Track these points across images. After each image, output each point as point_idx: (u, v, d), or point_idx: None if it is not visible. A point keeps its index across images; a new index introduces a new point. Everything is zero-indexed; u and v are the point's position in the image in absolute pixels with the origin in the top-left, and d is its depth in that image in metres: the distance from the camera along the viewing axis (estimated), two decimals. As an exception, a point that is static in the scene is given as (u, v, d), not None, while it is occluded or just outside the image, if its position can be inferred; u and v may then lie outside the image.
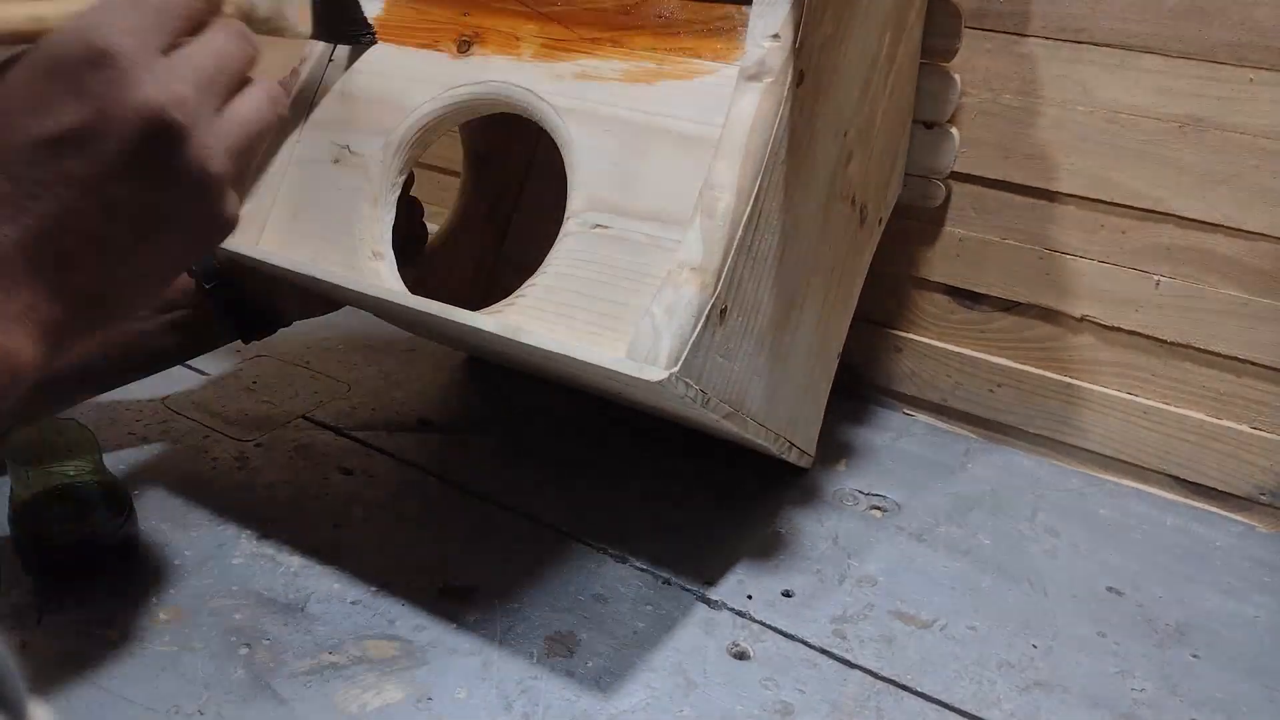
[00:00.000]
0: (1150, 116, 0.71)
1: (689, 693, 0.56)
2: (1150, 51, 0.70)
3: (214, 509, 0.69)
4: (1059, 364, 0.80)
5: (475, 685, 0.56)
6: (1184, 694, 0.59)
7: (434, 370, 0.89)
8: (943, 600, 0.65)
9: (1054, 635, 0.62)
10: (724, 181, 0.52)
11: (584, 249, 0.55)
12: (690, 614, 0.62)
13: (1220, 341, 0.73)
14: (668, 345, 0.50)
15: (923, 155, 0.76)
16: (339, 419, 0.81)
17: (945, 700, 0.57)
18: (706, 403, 0.54)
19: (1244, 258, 0.71)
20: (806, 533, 0.71)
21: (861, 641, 0.61)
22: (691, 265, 0.51)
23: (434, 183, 0.92)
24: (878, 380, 0.87)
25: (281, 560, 0.65)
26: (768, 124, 0.53)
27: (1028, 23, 0.73)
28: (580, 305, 0.54)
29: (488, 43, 0.61)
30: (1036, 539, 0.72)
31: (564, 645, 0.59)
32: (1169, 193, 0.72)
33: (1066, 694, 0.58)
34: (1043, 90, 0.74)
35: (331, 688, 0.55)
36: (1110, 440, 0.79)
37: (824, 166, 0.61)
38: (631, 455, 0.78)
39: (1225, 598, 0.67)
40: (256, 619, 0.60)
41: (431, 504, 0.72)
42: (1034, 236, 0.77)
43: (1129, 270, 0.75)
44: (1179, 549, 0.72)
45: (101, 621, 0.59)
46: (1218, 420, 0.75)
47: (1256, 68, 0.67)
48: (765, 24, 0.53)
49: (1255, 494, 0.75)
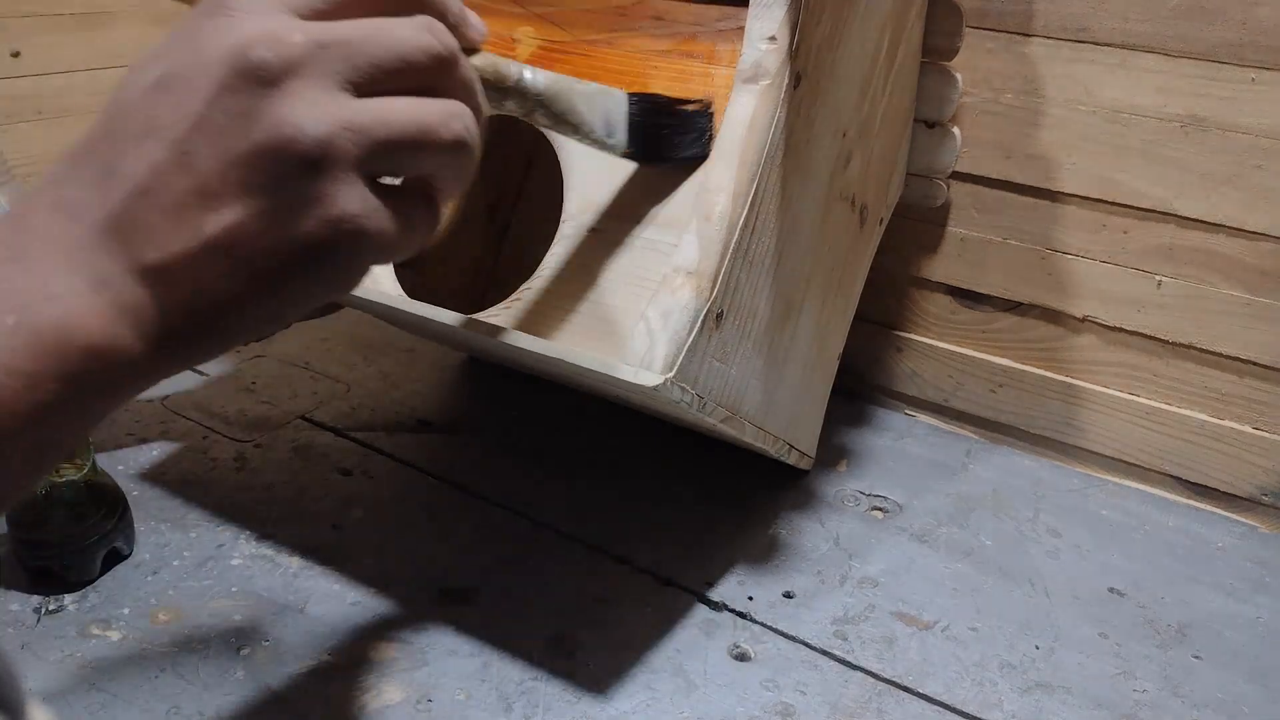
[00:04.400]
0: (1152, 116, 0.71)
1: (689, 694, 0.56)
2: (1152, 51, 0.69)
3: (213, 510, 0.69)
4: (1061, 364, 0.79)
5: (475, 686, 0.56)
6: (1186, 694, 0.58)
7: (433, 371, 0.89)
8: (944, 601, 0.65)
9: (1056, 636, 0.62)
10: (720, 184, 0.52)
11: (579, 253, 0.55)
12: (691, 615, 0.62)
13: (1222, 342, 0.73)
14: (663, 350, 0.50)
15: (924, 155, 0.75)
16: (338, 420, 0.81)
17: (947, 701, 0.57)
18: (703, 407, 0.54)
19: (1246, 258, 0.70)
20: (807, 534, 0.70)
21: (863, 643, 0.61)
22: (687, 269, 0.51)
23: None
24: (879, 381, 0.87)
25: (281, 561, 0.65)
26: (765, 126, 0.53)
27: (1029, 22, 0.73)
28: (576, 309, 0.54)
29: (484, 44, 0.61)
30: (1038, 540, 0.71)
31: (564, 646, 0.59)
32: (1171, 193, 0.71)
33: (1068, 695, 0.58)
34: (1044, 90, 0.74)
35: (331, 688, 0.55)
36: (1112, 441, 0.79)
37: (823, 168, 0.61)
38: (631, 456, 0.78)
39: (1227, 598, 0.67)
40: (256, 620, 0.60)
41: (431, 505, 0.72)
42: (1036, 236, 0.77)
43: (1131, 270, 0.74)
44: (1181, 550, 0.71)
45: (100, 623, 0.59)
46: (1220, 421, 0.74)
47: (1258, 67, 0.66)
48: (762, 26, 0.53)
49: (1257, 494, 0.74)
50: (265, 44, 0.29)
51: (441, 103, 0.32)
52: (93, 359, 0.29)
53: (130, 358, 0.30)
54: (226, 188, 0.29)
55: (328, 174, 0.29)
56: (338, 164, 0.29)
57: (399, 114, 0.30)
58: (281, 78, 0.29)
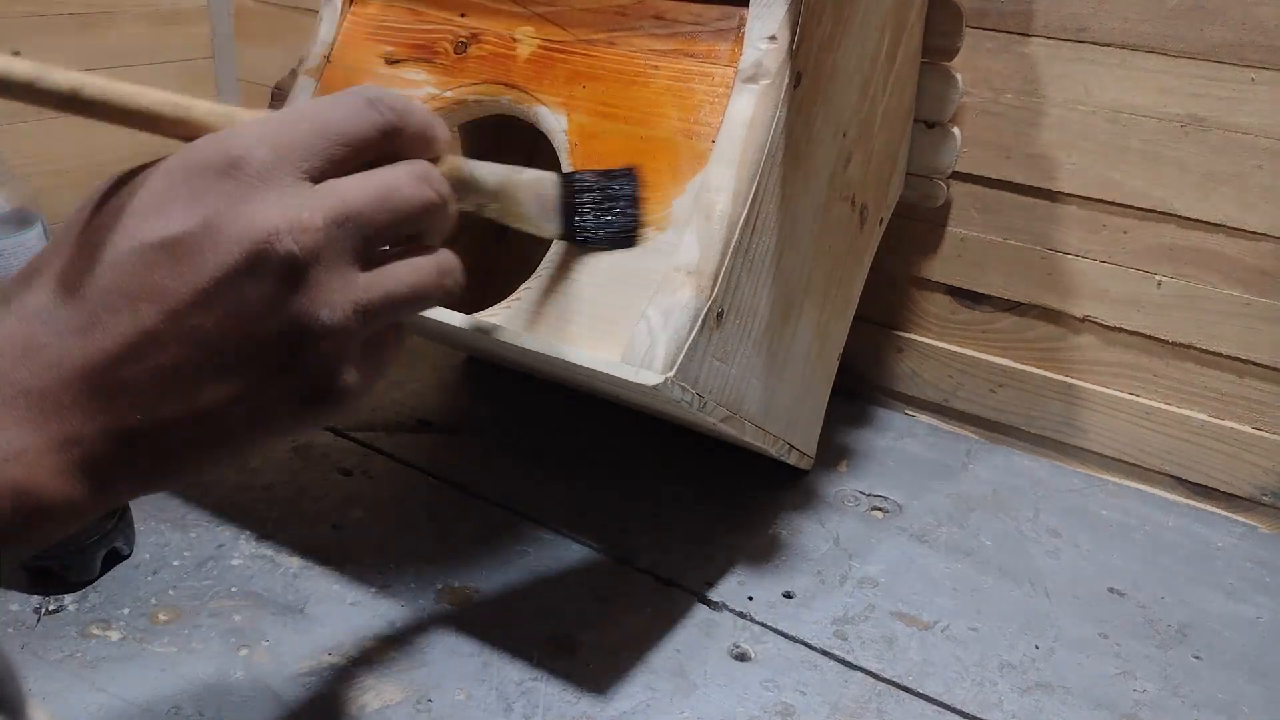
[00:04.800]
0: (1152, 116, 0.71)
1: (689, 694, 0.56)
2: (1152, 51, 0.69)
3: (213, 510, 0.69)
4: (1061, 364, 0.79)
5: (475, 687, 0.56)
6: (1186, 695, 0.58)
7: (433, 371, 0.89)
8: (944, 601, 0.65)
9: (1056, 636, 0.62)
10: (721, 184, 0.52)
11: (579, 252, 0.55)
12: (691, 615, 0.62)
13: (1222, 342, 0.73)
14: (663, 349, 0.50)
15: (924, 155, 0.75)
16: (338, 419, 0.81)
17: (947, 702, 0.57)
18: (703, 406, 0.54)
19: (1246, 258, 0.70)
20: (807, 534, 0.70)
21: (863, 643, 0.61)
22: (688, 269, 0.51)
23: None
24: (879, 381, 0.87)
25: (281, 561, 0.65)
26: (765, 126, 0.53)
27: (1029, 22, 0.73)
28: (576, 308, 0.54)
29: (484, 44, 0.61)
30: (1038, 540, 0.71)
31: (564, 646, 0.59)
32: (1171, 193, 0.71)
33: (1068, 695, 0.58)
34: (1044, 90, 0.74)
35: (331, 689, 0.55)
36: (1112, 441, 0.79)
37: (823, 167, 0.61)
38: (631, 456, 0.78)
39: (1227, 599, 0.67)
40: (256, 620, 0.60)
41: (431, 505, 0.71)
42: (1036, 236, 0.77)
43: (1131, 270, 0.74)
44: (1181, 550, 0.71)
45: (100, 623, 0.59)
46: (1219, 421, 0.74)
47: (1258, 67, 0.66)
48: (762, 25, 0.53)
49: (1257, 495, 0.74)
50: (291, 234, 0.29)
51: (434, 260, 0.33)
52: (42, 515, 0.29)
53: (79, 510, 0.30)
54: (231, 363, 0.30)
55: (337, 354, 0.31)
56: (348, 345, 0.31)
57: (402, 284, 0.32)
58: (305, 270, 0.30)
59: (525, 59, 0.60)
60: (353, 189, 0.31)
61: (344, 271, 0.30)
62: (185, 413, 0.30)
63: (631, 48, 0.57)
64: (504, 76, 0.60)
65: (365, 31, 0.66)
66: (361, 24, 0.66)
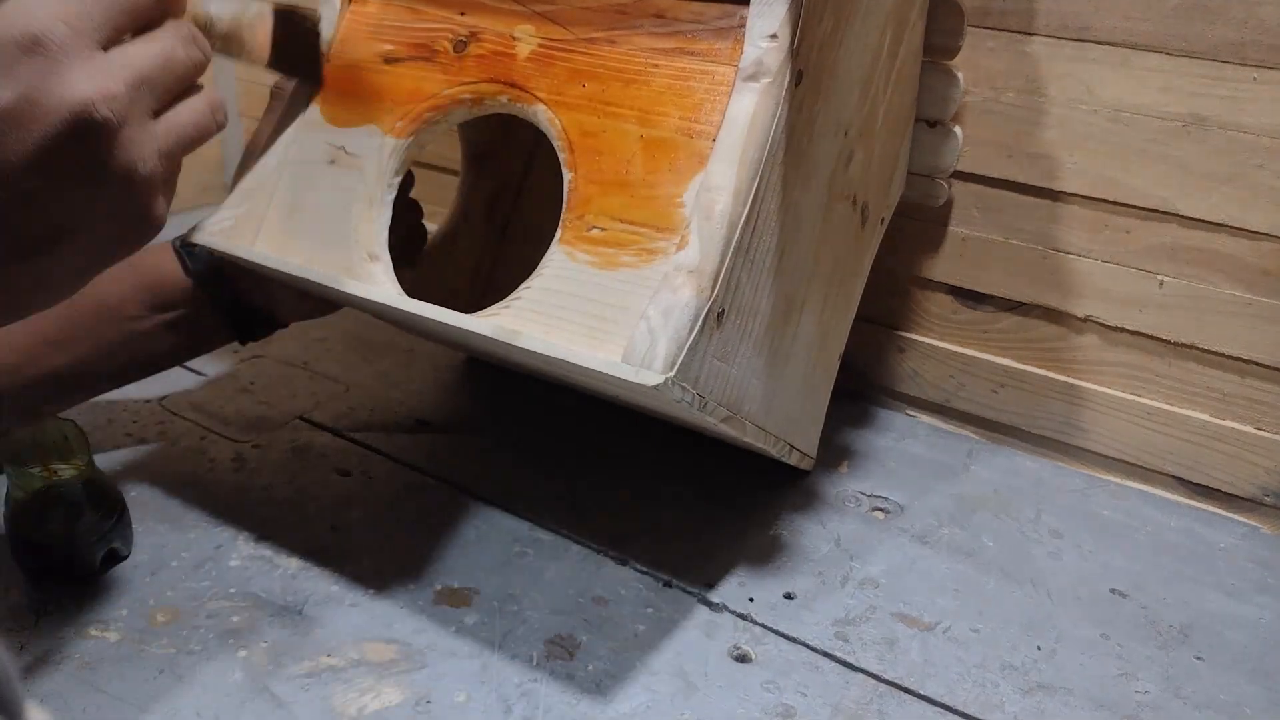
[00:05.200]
0: (1154, 115, 0.70)
1: (690, 696, 0.56)
2: (1153, 50, 0.69)
3: (211, 510, 0.69)
4: (1062, 364, 0.79)
5: (474, 688, 0.56)
6: (1187, 696, 0.58)
7: (432, 371, 0.89)
8: (945, 602, 0.65)
9: (1057, 637, 0.62)
10: (721, 183, 0.52)
11: (580, 251, 0.55)
12: (691, 616, 0.62)
13: (1224, 342, 0.72)
14: (664, 349, 0.50)
15: (925, 154, 0.75)
16: (337, 420, 0.80)
17: (948, 703, 0.57)
18: (704, 406, 0.54)
19: (1248, 257, 0.70)
20: (808, 535, 0.70)
21: (864, 644, 0.61)
22: (688, 268, 0.51)
23: (433, 182, 0.92)
24: (880, 381, 0.87)
25: (279, 562, 0.64)
26: (765, 125, 0.52)
27: (1031, 21, 0.73)
28: (576, 308, 0.54)
29: (484, 43, 0.61)
30: (1040, 540, 0.71)
31: (564, 648, 0.59)
32: (1173, 192, 0.71)
33: (1070, 696, 0.58)
34: (1046, 89, 0.73)
35: (329, 690, 0.55)
36: (1114, 441, 0.78)
37: (824, 166, 0.61)
38: (632, 456, 0.78)
39: (1229, 599, 0.66)
40: (254, 621, 0.59)
41: (430, 505, 0.71)
42: (1037, 236, 0.77)
43: (1133, 270, 0.74)
44: (1183, 550, 0.71)
45: (99, 623, 0.59)
46: (1221, 421, 0.74)
47: (1260, 66, 0.66)
48: (763, 24, 0.53)
49: (1259, 495, 0.74)
50: (104, 103, 0.35)
51: (205, 101, 0.41)
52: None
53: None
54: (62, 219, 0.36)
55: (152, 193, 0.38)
56: (158, 184, 0.38)
57: (188, 126, 0.39)
58: (117, 131, 0.35)
59: (525, 58, 0.60)
60: (142, 56, 0.37)
61: (146, 126, 0.37)
62: (25, 266, 0.36)
63: (632, 46, 0.57)
64: (503, 75, 0.60)
65: (364, 30, 0.65)
66: (360, 23, 0.66)
